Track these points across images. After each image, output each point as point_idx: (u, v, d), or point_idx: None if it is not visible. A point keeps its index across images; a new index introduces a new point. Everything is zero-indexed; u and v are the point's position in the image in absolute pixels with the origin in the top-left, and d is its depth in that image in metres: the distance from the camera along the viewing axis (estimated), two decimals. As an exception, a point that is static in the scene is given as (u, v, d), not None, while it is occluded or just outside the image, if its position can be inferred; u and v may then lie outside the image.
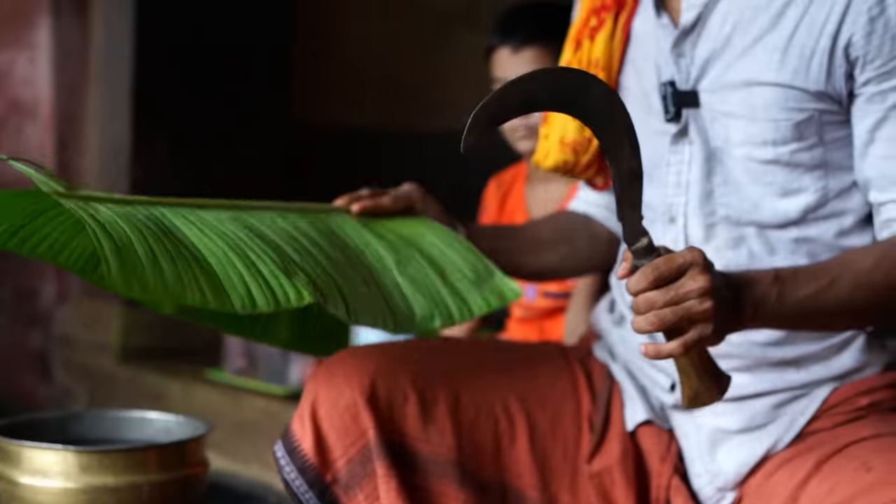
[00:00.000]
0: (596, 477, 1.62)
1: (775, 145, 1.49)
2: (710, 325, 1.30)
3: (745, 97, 1.50)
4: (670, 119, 1.55)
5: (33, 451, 1.62)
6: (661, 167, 1.58)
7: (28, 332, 4.15)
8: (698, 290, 1.28)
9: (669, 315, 1.28)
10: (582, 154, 1.68)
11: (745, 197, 1.53)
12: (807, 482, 1.45)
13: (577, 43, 1.68)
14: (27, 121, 4.13)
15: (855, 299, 1.42)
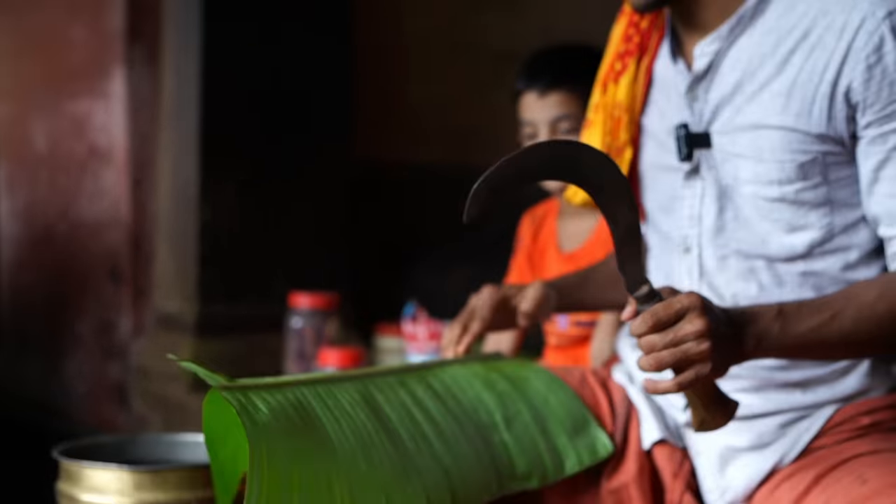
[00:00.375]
0: (615, 493, 1.70)
1: (780, 184, 1.56)
2: (708, 364, 1.38)
3: (753, 139, 1.57)
4: (683, 159, 1.63)
5: (92, 471, 1.75)
6: (677, 200, 1.67)
7: (107, 363, 4.33)
8: (695, 333, 1.37)
9: (668, 357, 1.38)
10: None
11: (754, 232, 1.60)
12: (807, 494, 1.52)
13: (603, 86, 1.77)
14: (104, 165, 4.32)
15: (859, 331, 1.49)
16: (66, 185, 4.68)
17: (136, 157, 4.15)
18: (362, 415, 1.50)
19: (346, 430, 1.47)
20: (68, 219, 4.68)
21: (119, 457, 1.86)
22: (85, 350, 4.52)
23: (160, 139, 4.10)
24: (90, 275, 4.48)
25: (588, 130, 1.80)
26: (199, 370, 1.42)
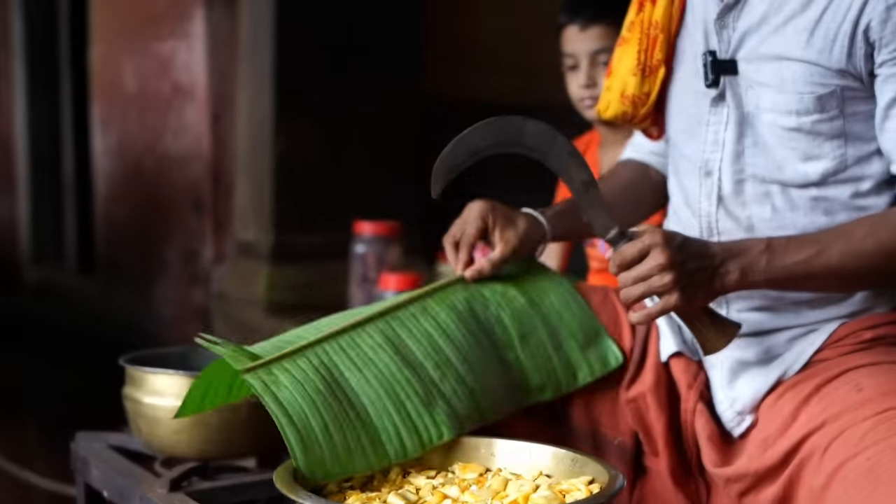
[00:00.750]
0: (632, 402, 1.78)
1: (798, 115, 1.62)
2: (674, 294, 1.50)
3: (776, 70, 1.63)
4: (709, 84, 1.68)
5: (153, 376, 1.90)
6: (702, 125, 1.72)
7: (191, 289, 4.56)
8: (657, 267, 1.49)
9: (635, 291, 1.51)
10: (640, 107, 1.80)
11: (770, 158, 1.66)
12: (807, 401, 1.60)
13: (640, 5, 1.81)
14: (187, 103, 4.52)
15: (845, 266, 1.56)
16: (153, 122, 4.90)
17: (215, 94, 4.34)
18: (385, 357, 1.59)
19: (371, 379, 1.55)
20: (155, 154, 4.90)
21: (181, 365, 1.99)
22: (171, 277, 4.75)
23: (238, 77, 4.28)
24: (175, 207, 4.71)
25: (622, 48, 1.84)
26: (223, 350, 1.53)
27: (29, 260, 6.80)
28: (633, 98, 1.79)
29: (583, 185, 1.56)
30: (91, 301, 5.67)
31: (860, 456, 1.42)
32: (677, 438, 1.75)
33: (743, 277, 1.54)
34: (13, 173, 6.97)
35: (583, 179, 1.55)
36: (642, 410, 1.77)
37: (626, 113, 1.82)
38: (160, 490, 1.81)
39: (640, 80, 1.78)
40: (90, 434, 2.11)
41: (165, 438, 1.92)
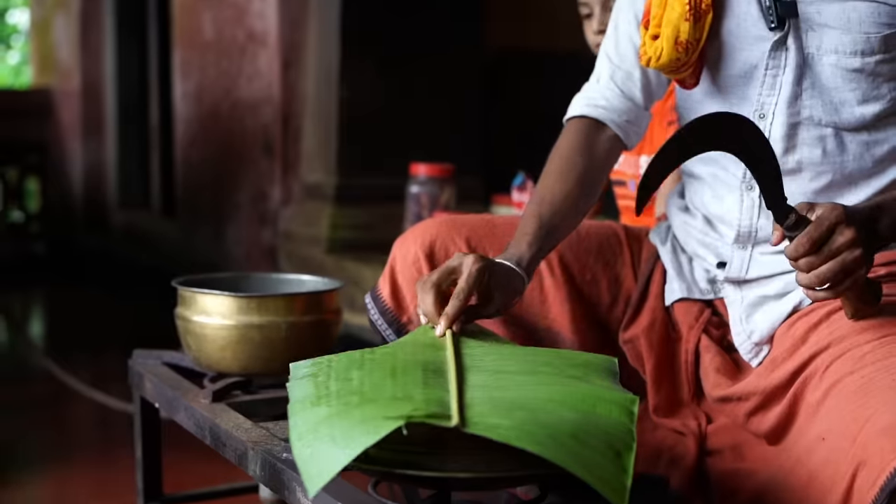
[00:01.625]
0: (628, 342, 1.83)
1: (863, 56, 1.63)
2: (863, 267, 1.49)
3: (840, 11, 1.63)
4: (773, 27, 1.67)
5: (201, 296, 2.02)
6: (759, 69, 1.71)
7: (260, 229, 4.70)
8: (848, 243, 1.47)
9: (828, 272, 1.48)
10: (692, 53, 1.74)
11: (828, 101, 1.66)
12: (816, 326, 1.63)
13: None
14: (260, 49, 4.64)
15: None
16: (228, 68, 5.03)
17: (286, 41, 4.43)
18: None
19: None
20: (230, 99, 5.03)
21: (229, 288, 2.08)
22: (242, 218, 4.90)
23: (308, 25, 4.37)
24: (247, 150, 4.84)
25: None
26: None
27: (116, 203, 7.03)
28: (686, 44, 1.74)
29: (771, 176, 1.54)
30: (172, 242, 5.86)
31: (856, 374, 1.46)
32: (670, 377, 1.80)
33: (893, 233, 1.55)
34: (102, 120, 7.20)
35: (771, 170, 1.54)
36: (638, 350, 1.81)
37: (679, 59, 1.76)
38: (203, 401, 1.93)
39: (693, 24, 1.73)
40: (146, 352, 2.25)
41: (212, 354, 2.04)
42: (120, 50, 6.97)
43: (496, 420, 1.25)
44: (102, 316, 5.84)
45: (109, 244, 6.89)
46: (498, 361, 1.47)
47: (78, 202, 7.46)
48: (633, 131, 1.91)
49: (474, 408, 1.29)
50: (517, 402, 1.32)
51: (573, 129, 1.88)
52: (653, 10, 1.80)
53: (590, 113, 1.88)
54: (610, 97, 1.88)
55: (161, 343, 2.42)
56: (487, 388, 1.36)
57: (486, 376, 1.41)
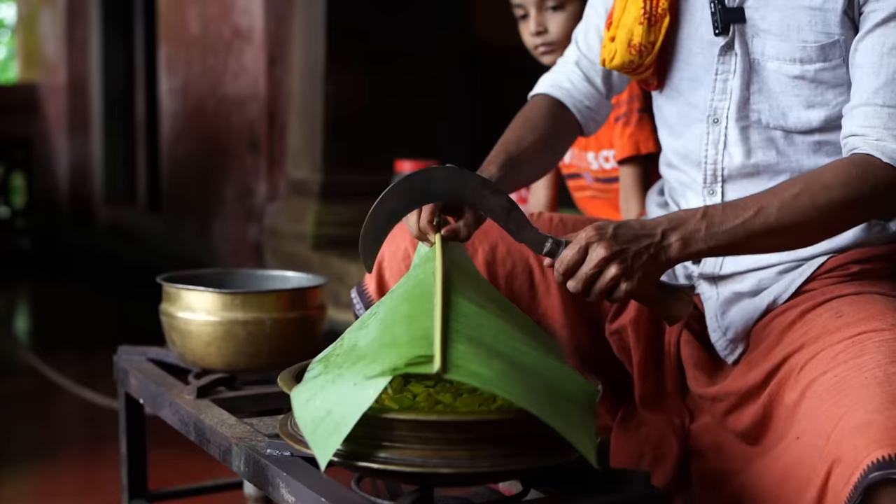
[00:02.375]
0: (615, 333, 1.83)
1: (802, 63, 1.65)
2: (630, 278, 1.52)
3: (782, 18, 1.66)
4: (718, 33, 1.70)
5: (186, 293, 2.03)
6: (710, 74, 1.74)
7: (246, 225, 4.71)
8: (600, 262, 1.50)
9: (593, 293, 1.52)
10: (646, 56, 1.78)
11: (775, 105, 1.69)
12: (791, 326, 1.64)
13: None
14: (245, 45, 4.64)
15: (783, 223, 1.56)
16: (214, 64, 5.03)
17: (272, 37, 4.44)
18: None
19: None
20: (216, 95, 5.03)
21: (213, 284, 2.10)
22: (228, 214, 4.90)
23: (294, 21, 4.38)
24: (233, 146, 4.85)
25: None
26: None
27: (101, 198, 7.02)
28: (640, 47, 1.77)
29: (503, 210, 1.56)
30: (158, 238, 5.86)
31: (830, 373, 1.47)
32: (656, 368, 1.81)
33: (685, 247, 1.55)
34: (88, 115, 7.20)
35: (502, 206, 1.56)
36: (624, 341, 1.82)
37: (633, 62, 1.79)
38: (188, 397, 1.93)
39: (647, 28, 1.76)
40: (131, 348, 2.25)
41: (197, 350, 2.05)
42: (106, 45, 6.96)
43: (477, 368, 1.28)
44: (88, 312, 5.83)
45: (95, 240, 6.89)
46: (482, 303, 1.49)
47: (63, 198, 7.45)
48: (592, 118, 1.95)
49: (457, 349, 1.31)
50: (497, 349, 1.35)
51: (537, 102, 1.95)
52: (615, 13, 1.82)
53: (553, 93, 1.92)
54: (574, 80, 1.93)
55: (147, 339, 2.43)
56: (470, 326, 1.39)
57: (469, 308, 1.43)
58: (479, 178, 1.56)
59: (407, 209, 1.57)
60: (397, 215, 1.56)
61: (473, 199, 1.56)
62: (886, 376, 1.41)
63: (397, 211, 1.56)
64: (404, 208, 1.56)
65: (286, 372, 1.52)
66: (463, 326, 1.40)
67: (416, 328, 1.37)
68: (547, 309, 1.87)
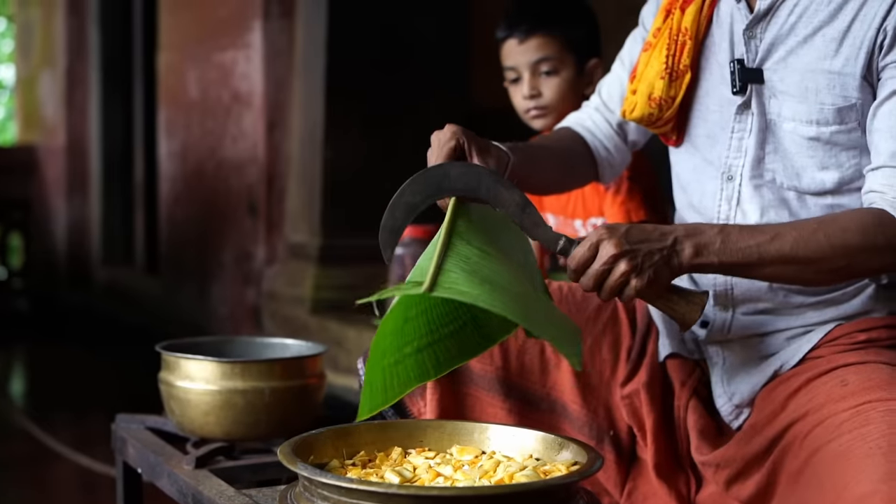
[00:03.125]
0: (627, 398, 1.84)
1: (818, 125, 1.68)
2: (639, 278, 1.54)
3: (800, 80, 1.69)
4: (736, 92, 1.73)
5: (185, 362, 2.04)
6: (727, 131, 1.77)
7: (245, 288, 4.71)
8: (610, 259, 1.53)
9: (603, 292, 1.56)
10: (665, 110, 1.82)
11: (789, 165, 1.72)
12: (796, 393, 1.66)
13: (667, 13, 1.85)
14: (244, 110, 4.68)
15: (797, 254, 1.59)
16: (213, 127, 5.07)
17: (271, 102, 4.48)
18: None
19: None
20: (215, 158, 5.06)
21: (213, 353, 2.12)
22: (227, 277, 4.91)
23: (293, 86, 4.43)
24: (231, 210, 4.87)
25: (647, 53, 1.87)
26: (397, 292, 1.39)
27: (99, 260, 7.03)
28: (660, 101, 1.81)
29: (518, 207, 1.59)
30: (155, 300, 5.85)
31: (834, 442, 1.48)
32: (668, 434, 1.82)
33: (697, 255, 1.58)
34: (87, 177, 7.23)
35: (517, 202, 1.59)
36: (636, 406, 1.83)
37: (652, 115, 1.84)
38: (186, 467, 1.94)
39: (668, 83, 1.80)
40: (129, 416, 2.25)
41: (195, 419, 2.05)
42: (105, 108, 7.01)
43: (464, 288, 1.37)
44: (84, 374, 5.81)
45: (92, 301, 6.88)
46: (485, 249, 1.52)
47: (61, 258, 7.45)
48: (609, 162, 2.01)
49: (448, 276, 1.39)
50: (491, 280, 1.42)
51: (562, 130, 2.04)
52: (638, 67, 1.87)
53: (577, 128, 2.01)
54: (596, 121, 2.02)
55: (143, 402, 2.42)
56: (468, 262, 1.45)
57: (469, 250, 1.48)
58: (494, 174, 1.59)
59: (424, 203, 1.60)
60: (415, 208, 1.59)
61: (488, 195, 1.58)
62: (891, 446, 1.42)
63: (415, 204, 1.59)
64: (421, 202, 1.59)
65: (286, 444, 1.51)
66: (460, 261, 1.45)
67: (417, 268, 1.45)
68: (556, 382, 1.87)
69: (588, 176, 2.03)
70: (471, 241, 1.51)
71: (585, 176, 2.03)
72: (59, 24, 7.39)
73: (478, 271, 1.43)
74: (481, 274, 1.43)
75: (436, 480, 1.49)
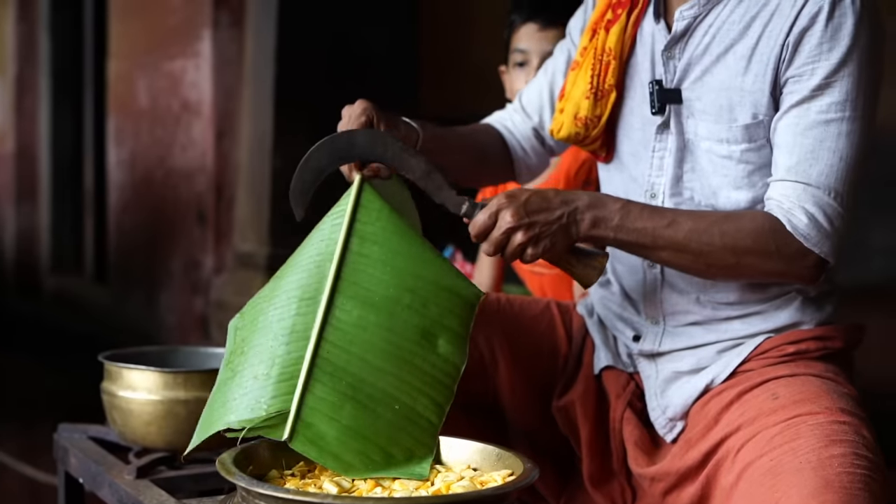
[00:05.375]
0: (562, 409, 1.87)
1: (729, 144, 1.70)
2: (531, 248, 1.60)
3: (714, 99, 1.71)
4: (655, 112, 1.76)
5: (127, 372, 2.03)
6: (648, 150, 1.80)
7: (193, 298, 4.70)
8: (509, 229, 1.58)
9: (506, 256, 1.61)
10: (592, 129, 1.84)
11: (706, 184, 1.74)
12: (728, 407, 1.67)
13: (593, 32, 1.87)
14: (193, 119, 4.67)
15: (689, 244, 1.63)
16: (162, 136, 5.06)
17: (220, 111, 4.49)
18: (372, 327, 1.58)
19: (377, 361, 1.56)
20: (164, 167, 5.05)
21: (157, 363, 2.11)
22: (175, 286, 4.90)
23: (243, 95, 4.43)
24: (180, 218, 4.86)
25: (574, 72, 1.86)
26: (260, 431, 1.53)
27: (48, 268, 6.96)
28: (586, 120, 1.83)
29: (424, 173, 1.63)
30: (104, 308, 5.82)
31: (765, 457, 1.50)
32: (603, 445, 1.84)
33: (594, 227, 1.62)
34: (36, 184, 7.16)
35: (422, 168, 1.63)
36: (571, 416, 1.86)
37: (579, 134, 1.85)
38: (128, 477, 1.94)
39: (593, 103, 1.83)
40: (71, 426, 2.24)
41: (137, 429, 2.05)
42: (55, 114, 6.96)
43: (324, 427, 1.51)
44: (32, 384, 5.75)
45: (41, 309, 6.82)
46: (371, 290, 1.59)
47: (9, 266, 7.37)
48: (525, 163, 2.05)
49: (313, 395, 1.53)
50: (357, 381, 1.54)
51: (482, 125, 2.08)
52: (566, 86, 1.89)
53: (497, 127, 2.05)
54: (517, 122, 2.05)
55: (91, 412, 2.41)
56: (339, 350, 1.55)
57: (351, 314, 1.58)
58: (399, 141, 1.64)
59: (331, 166, 1.66)
60: (322, 172, 1.65)
61: (394, 161, 1.63)
62: (820, 461, 1.45)
63: (321, 168, 1.66)
64: (328, 166, 1.65)
65: (225, 455, 1.52)
66: (330, 352, 1.55)
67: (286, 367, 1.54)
68: (497, 387, 1.89)
69: (504, 172, 2.05)
70: (360, 282, 1.59)
71: (501, 171, 2.05)
72: (9, 31, 7.32)
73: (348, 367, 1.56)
74: (351, 372, 1.56)
75: (374, 491, 1.51)
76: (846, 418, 1.53)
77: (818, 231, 1.62)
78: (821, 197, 1.63)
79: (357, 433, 1.52)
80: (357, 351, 1.56)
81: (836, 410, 1.54)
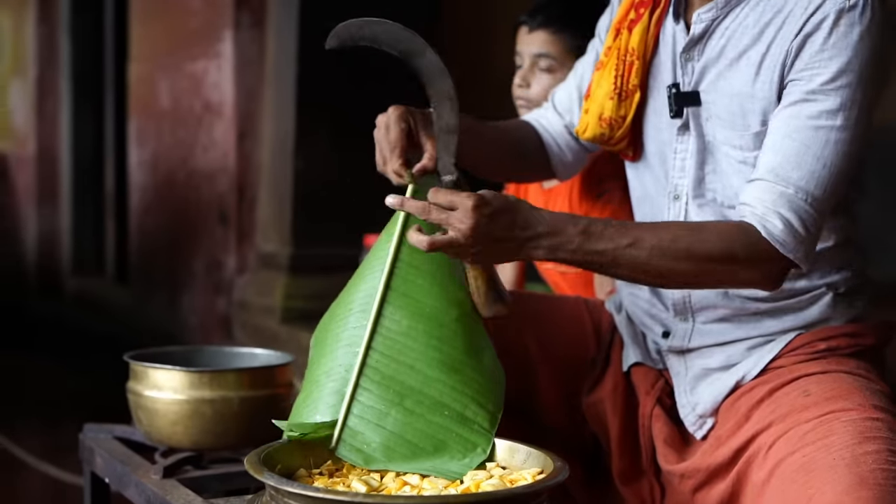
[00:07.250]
0: (592, 406, 1.87)
1: (742, 150, 1.70)
2: (468, 255, 1.55)
3: (727, 104, 1.71)
4: (673, 116, 1.76)
5: (153, 371, 2.03)
6: (670, 153, 1.79)
7: (215, 298, 4.71)
8: (457, 231, 1.52)
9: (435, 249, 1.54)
10: (616, 129, 1.84)
11: (727, 185, 1.73)
12: (760, 404, 1.67)
13: (616, 31, 1.86)
14: (215, 119, 4.68)
15: (651, 262, 1.58)
16: (184, 137, 5.07)
17: (242, 112, 4.50)
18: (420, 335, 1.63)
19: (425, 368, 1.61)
20: (186, 168, 5.06)
21: (182, 362, 2.11)
22: (197, 286, 4.91)
23: (264, 96, 4.44)
24: (202, 219, 4.87)
25: (599, 72, 1.86)
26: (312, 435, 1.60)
27: (69, 269, 6.99)
28: (610, 121, 1.83)
29: (446, 128, 1.64)
30: (126, 309, 5.83)
31: (798, 453, 1.50)
32: (632, 442, 1.83)
33: (550, 254, 1.57)
34: (57, 186, 7.19)
35: (448, 124, 1.64)
36: (601, 413, 1.85)
37: (604, 135, 1.85)
38: (154, 476, 1.94)
39: (617, 103, 1.82)
40: (97, 426, 2.25)
41: (163, 429, 2.05)
42: (76, 117, 6.99)
43: (370, 435, 1.58)
44: (55, 384, 5.78)
45: (63, 310, 6.85)
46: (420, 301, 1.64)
47: (31, 268, 7.41)
48: (562, 160, 2.05)
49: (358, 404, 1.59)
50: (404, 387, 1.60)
51: (519, 121, 2.09)
52: (591, 86, 1.89)
53: (534, 124, 2.05)
54: (551, 120, 2.05)
55: (113, 412, 2.41)
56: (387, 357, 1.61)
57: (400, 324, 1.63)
58: (453, 88, 1.68)
59: (389, 47, 1.70)
60: (378, 44, 1.69)
61: (434, 95, 1.65)
62: (854, 457, 1.44)
63: (381, 43, 1.69)
64: (388, 45, 1.70)
65: (253, 454, 1.52)
66: (378, 361, 1.61)
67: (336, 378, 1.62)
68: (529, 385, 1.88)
69: (542, 167, 2.05)
70: (408, 295, 1.64)
71: (539, 166, 2.05)
72: (30, 34, 7.36)
73: (396, 375, 1.61)
74: (399, 379, 1.61)
75: (402, 489, 1.51)
76: (879, 415, 1.53)
77: (793, 237, 1.60)
78: (797, 202, 1.60)
79: (403, 439, 1.57)
80: (405, 360, 1.60)
81: (869, 407, 1.54)
